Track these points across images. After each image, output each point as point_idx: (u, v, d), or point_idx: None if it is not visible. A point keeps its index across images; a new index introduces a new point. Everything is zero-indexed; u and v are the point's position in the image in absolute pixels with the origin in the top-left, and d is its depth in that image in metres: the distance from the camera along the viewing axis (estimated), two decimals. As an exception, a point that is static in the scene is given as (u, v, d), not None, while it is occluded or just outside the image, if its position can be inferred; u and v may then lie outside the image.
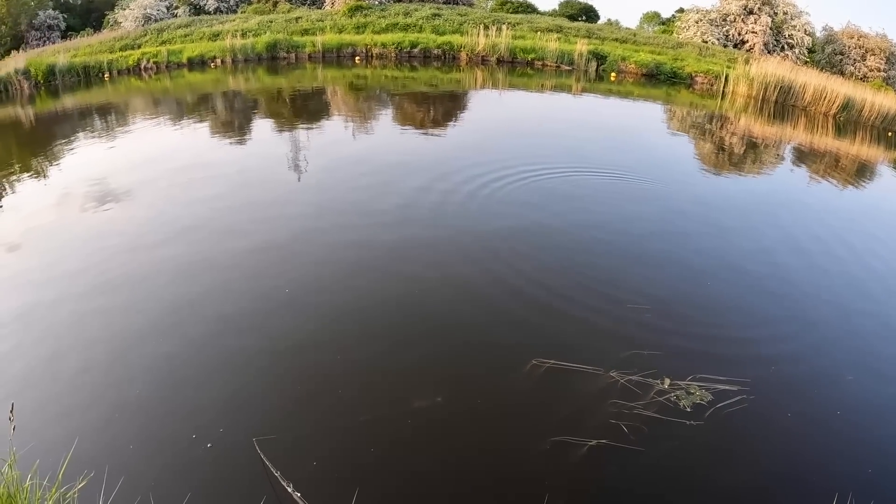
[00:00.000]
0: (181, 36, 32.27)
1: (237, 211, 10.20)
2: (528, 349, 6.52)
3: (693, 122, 22.76)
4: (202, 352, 6.39)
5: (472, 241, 9.28)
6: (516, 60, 31.68)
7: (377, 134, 16.53)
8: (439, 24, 34.20)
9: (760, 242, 10.39)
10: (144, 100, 23.45)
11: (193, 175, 12.10)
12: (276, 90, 24.11)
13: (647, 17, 59.53)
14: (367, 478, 4.75)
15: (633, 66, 31.50)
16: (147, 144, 15.06)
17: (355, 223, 9.72)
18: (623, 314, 7.46)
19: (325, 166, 12.81)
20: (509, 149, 14.89)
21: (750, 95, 28.77)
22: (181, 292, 7.58)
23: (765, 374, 6.53)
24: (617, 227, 10.49)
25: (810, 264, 9.73)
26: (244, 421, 5.25)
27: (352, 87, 24.54)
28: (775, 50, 38.58)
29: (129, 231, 9.46)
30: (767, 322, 7.78)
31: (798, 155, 19.65)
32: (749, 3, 38.91)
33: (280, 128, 16.85)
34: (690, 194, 12.90)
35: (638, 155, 15.56)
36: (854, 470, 5.31)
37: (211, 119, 18.34)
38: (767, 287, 8.75)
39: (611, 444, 5.23)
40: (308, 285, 7.75)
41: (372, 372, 6.14)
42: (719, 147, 18.68)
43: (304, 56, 30.40)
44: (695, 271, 9.05)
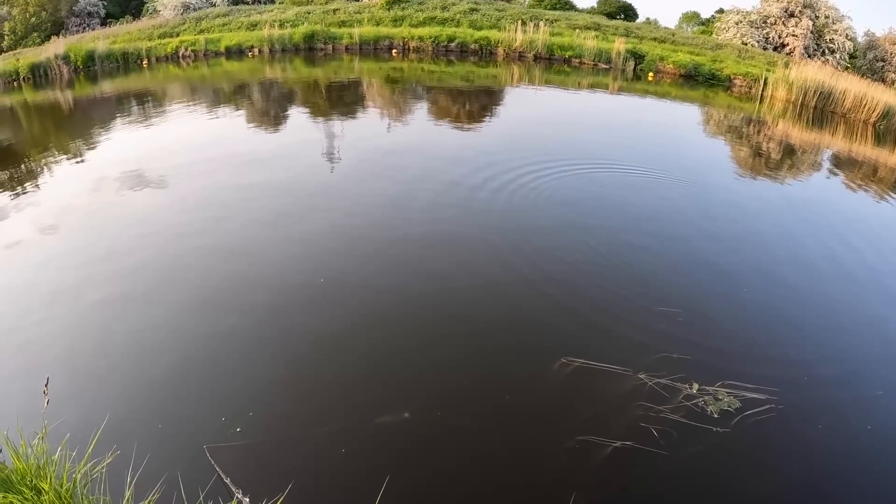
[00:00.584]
0: (219, 25, 32.50)
1: (269, 198, 10.28)
2: (558, 348, 6.51)
3: (730, 126, 22.50)
4: (236, 337, 6.43)
5: (501, 239, 9.25)
6: (553, 57, 31.56)
7: (411, 127, 16.55)
8: (477, 18, 34.17)
9: (795, 250, 10.29)
10: (182, 87, 23.63)
11: (228, 163, 12.22)
12: (312, 81, 24.21)
13: (686, 17, 59.07)
14: (399, 471, 4.74)
15: (671, 67, 31.22)
16: (183, 131, 15.19)
17: (385, 217, 9.76)
18: (654, 317, 7.40)
19: (358, 157, 12.85)
20: (542, 146, 14.82)
21: (789, 100, 28.38)
22: (214, 277, 7.68)
23: (794, 385, 6.44)
24: (650, 228, 10.40)
25: (845, 274, 9.56)
26: (276, 406, 5.29)
27: (388, 80, 24.56)
28: (815, 54, 38.16)
29: (164, 215, 9.63)
30: (799, 331, 7.71)
31: (836, 162, 19.36)
32: (790, 6, 38.48)
33: (315, 118, 16.91)
34: (726, 198, 12.77)
35: (672, 156, 15.47)
36: (881, 487, 5.22)
37: (247, 108, 18.46)
38: (801, 296, 8.66)
39: (636, 446, 5.21)
40: (337, 277, 7.75)
41: (401, 368, 6.15)
42: (756, 151, 18.44)
43: (341, 47, 30.51)
44: (728, 277, 8.95)
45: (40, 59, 26.12)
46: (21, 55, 28.54)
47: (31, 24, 37.07)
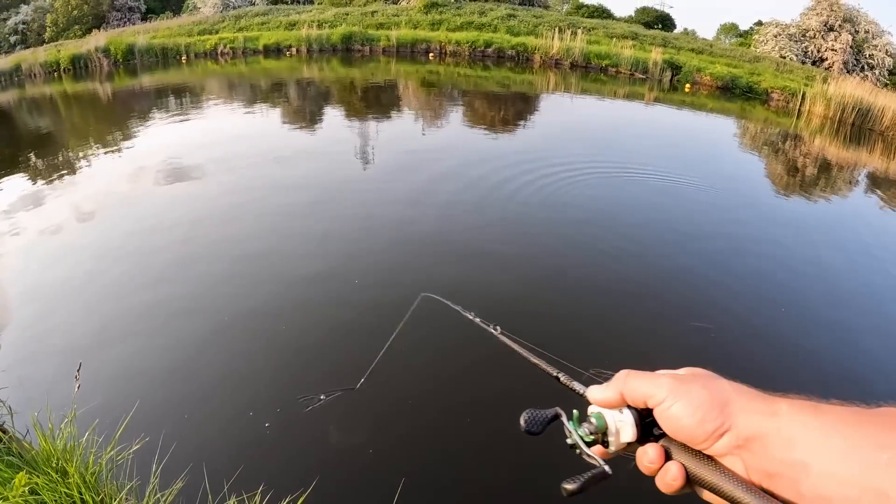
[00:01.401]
0: (258, 24, 32.78)
1: (302, 193, 10.31)
2: (588, 359, 6.33)
3: (766, 140, 22.34)
4: (268, 331, 6.44)
5: (525, 247, 9.23)
6: (590, 65, 31.51)
7: (446, 130, 16.51)
8: (514, 24, 34.19)
9: (824, 271, 10.11)
10: (219, 83, 23.86)
11: (262, 158, 12.30)
12: (349, 81, 24.32)
13: (724, 29, 58.83)
14: (413, 471, 4.74)
15: (708, 78, 31.05)
16: (219, 126, 15.37)
17: (413, 222, 9.67)
18: (686, 331, 7.36)
19: (391, 159, 12.82)
20: (573, 154, 14.72)
21: (826, 116, 28.12)
22: (251, 270, 7.71)
23: None
24: (681, 239, 10.36)
25: (873, 296, 9.41)
26: (298, 405, 5.26)
27: (424, 83, 24.61)
28: (855, 70, 37.80)
29: (197, 207, 9.75)
30: (830, 354, 7.56)
31: (873, 181, 19.11)
32: (830, 20, 38.19)
33: (350, 118, 16.97)
34: (758, 213, 12.65)
35: (711, 170, 15.39)
36: None
37: (283, 105, 18.60)
38: (833, 319, 8.47)
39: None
40: (355, 276, 7.67)
41: (419, 371, 6.06)
42: (791, 167, 18.30)
43: (379, 49, 30.64)
44: (761, 295, 8.80)
45: (81, 51, 26.51)
46: (62, 47, 28.99)
47: (72, 17, 37.62)
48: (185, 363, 5.82)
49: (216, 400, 5.35)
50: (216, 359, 5.93)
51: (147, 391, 5.31)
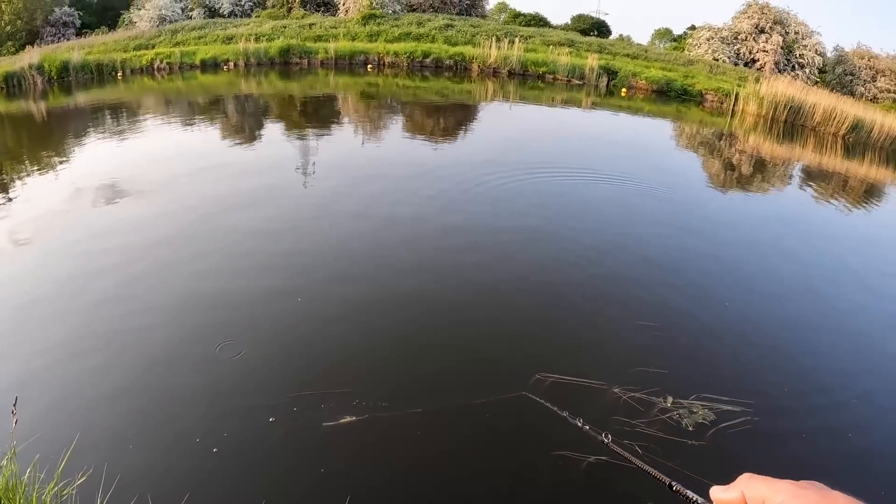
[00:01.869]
0: (195, 38, 32.50)
1: (242, 212, 10.17)
2: (533, 363, 6.47)
3: (702, 140, 22.83)
4: (213, 355, 6.29)
5: (473, 252, 9.26)
6: (527, 73, 31.87)
7: (387, 141, 16.56)
8: (452, 34, 34.38)
9: (769, 264, 10.45)
10: (156, 100, 23.59)
11: (202, 176, 12.14)
12: (287, 95, 24.23)
13: (658, 34, 59.67)
14: (371, 489, 4.78)
15: (644, 82, 31.65)
16: (157, 144, 15.13)
17: (358, 233, 9.64)
18: (631, 331, 7.45)
19: (332, 173, 12.76)
20: (515, 159, 14.86)
21: (760, 114, 28.87)
22: (187, 294, 7.56)
23: (770, 397, 6.54)
24: (627, 240, 10.53)
25: (818, 288, 9.79)
26: (244, 429, 5.24)
27: (363, 95, 24.62)
28: (786, 69, 38.76)
29: (134, 228, 9.50)
30: (774, 344, 7.81)
31: (808, 175, 19.72)
32: (761, 23, 39.13)
33: (290, 132, 16.90)
34: (701, 211, 13.00)
35: (647, 170, 15.63)
36: (860, 495, 5.28)
37: (222, 121, 18.44)
38: (775, 309, 8.79)
39: (611, 461, 5.16)
40: (308, 293, 7.63)
41: (374, 385, 6.02)
42: (729, 166, 18.75)
43: (317, 62, 30.55)
44: (705, 290, 9.07)
45: (14, 68, 25.97)
46: (-6, 64, 28.48)
47: (5, 33, 36.95)
48: (126, 390, 5.70)
49: (161, 426, 5.24)
50: (159, 384, 5.81)
51: (88, 421, 5.22)
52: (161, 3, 38.04)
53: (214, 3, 40.34)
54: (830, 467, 5.67)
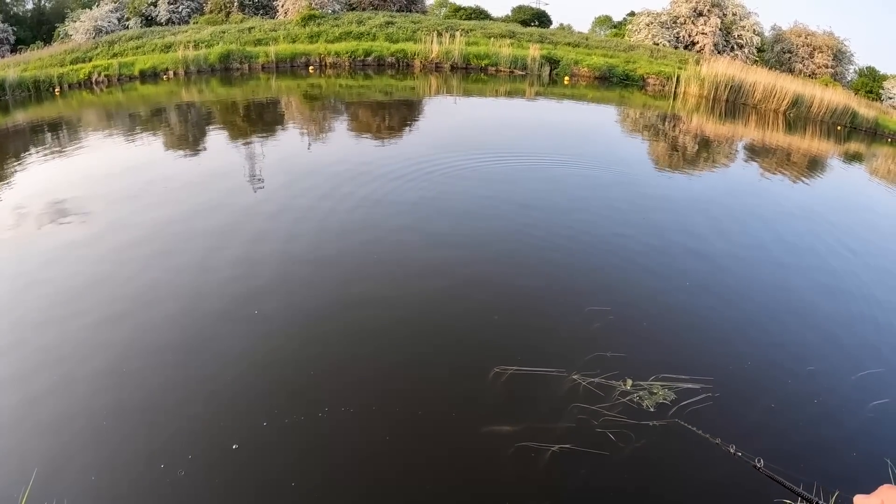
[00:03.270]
0: (133, 48, 31.98)
1: (190, 223, 9.98)
2: (490, 357, 6.47)
3: (647, 123, 23.06)
4: (166, 382, 6.10)
5: (421, 248, 9.23)
6: (470, 66, 31.96)
7: (333, 143, 16.43)
8: (393, 31, 34.28)
9: (721, 241, 10.61)
10: (97, 114, 23.15)
11: (147, 189, 11.79)
12: (230, 101, 23.92)
13: (599, 21, 60.24)
14: (330, 485, 4.76)
15: (586, 70, 31.95)
16: (100, 160, 14.81)
17: (312, 234, 9.55)
18: (585, 316, 7.46)
19: (279, 178, 12.54)
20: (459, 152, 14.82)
21: (701, 95, 29.40)
22: (142, 314, 7.30)
23: (729, 372, 6.64)
24: (574, 224, 10.59)
25: (772, 261, 9.99)
26: (206, 457, 5.11)
27: (306, 97, 24.41)
28: (725, 50, 39.32)
29: (83, 250, 9.14)
30: (729, 320, 7.94)
31: (749, 152, 20.07)
32: (698, 6, 39.62)
33: (234, 140, 16.68)
34: (649, 192, 13.10)
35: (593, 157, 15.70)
36: (823, 463, 5.46)
37: (165, 133, 18.13)
38: (725, 285, 8.93)
39: (575, 448, 5.25)
40: (269, 303, 7.47)
41: (325, 386, 6.00)
42: (675, 146, 18.98)
43: (258, 66, 30.23)
44: (656, 271, 9.14)
45: (-54, 88, 25.46)
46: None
47: (-64, 54, 36.13)
48: (83, 421, 5.45)
49: (123, 455, 5.06)
50: (118, 412, 5.58)
51: (45, 457, 5.01)
52: (97, 13, 37.38)
53: (151, 11, 39.81)
54: (792, 438, 5.77)
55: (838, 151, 23.46)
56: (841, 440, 5.78)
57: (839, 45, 41.32)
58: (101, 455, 5.08)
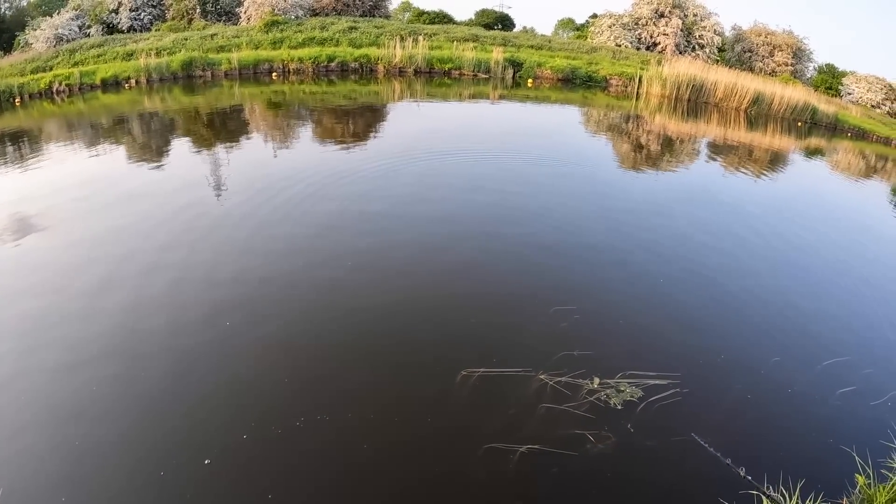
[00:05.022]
0: (94, 56, 31.60)
1: (153, 233, 9.90)
2: (457, 361, 6.50)
3: (610, 124, 23.27)
4: (137, 397, 6.00)
5: (384, 255, 9.20)
6: (433, 70, 31.99)
7: (297, 150, 16.33)
8: (356, 37, 34.18)
9: (679, 237, 10.77)
10: (58, 124, 22.85)
11: (109, 199, 11.65)
12: (193, 109, 23.72)
13: (561, 24, 60.55)
14: (299, 492, 4.80)
15: (549, 72, 32.14)
16: (63, 171, 14.63)
17: (279, 244, 9.49)
18: (550, 317, 7.53)
19: (243, 187, 12.45)
20: (422, 154, 15.01)
21: (664, 95, 29.72)
22: (103, 332, 7.16)
23: (695, 367, 6.75)
24: (537, 224, 10.69)
25: (736, 257, 10.18)
26: (181, 468, 5.13)
27: (270, 104, 24.28)
28: (687, 50, 39.75)
29: (47, 260, 9.05)
30: (694, 316, 8.06)
31: (712, 149, 20.35)
32: (660, 7, 40.04)
33: (197, 149, 16.54)
34: (609, 193, 13.21)
35: (554, 159, 15.79)
36: (788, 455, 5.53)
37: (127, 143, 17.94)
38: (690, 281, 9.06)
39: (544, 448, 5.31)
40: (238, 315, 7.42)
41: (298, 394, 6.02)
42: (636, 146, 19.17)
43: (221, 73, 29.96)
44: (621, 269, 9.24)
45: None
46: None
47: None
48: (51, 440, 5.35)
49: (96, 473, 5.00)
50: (91, 429, 5.50)
51: (12, 478, 4.92)
52: (57, 21, 36.96)
53: (112, 18, 39.41)
54: (760, 429, 5.89)
55: (800, 147, 23.92)
56: (809, 429, 5.91)
57: (799, 43, 41.96)
58: (73, 474, 5.02)
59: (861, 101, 39.16)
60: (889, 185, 19.72)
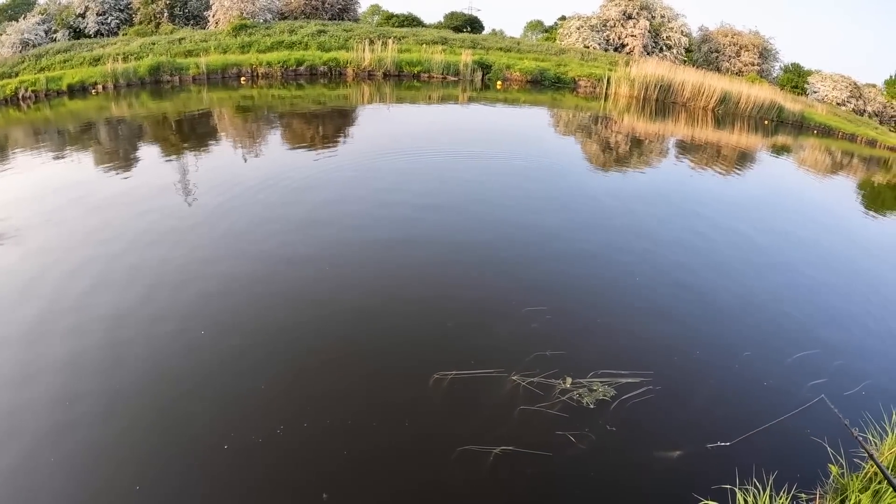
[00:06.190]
0: (60, 61, 31.27)
1: (122, 241, 9.69)
2: (429, 364, 6.50)
3: (579, 125, 23.42)
4: (112, 408, 5.89)
5: (353, 259, 9.17)
6: (403, 74, 31.98)
7: (266, 155, 16.23)
8: (325, 40, 34.10)
9: (647, 236, 10.84)
10: (25, 132, 22.58)
11: (78, 208, 11.48)
12: (161, 115, 23.53)
13: (530, 26, 60.74)
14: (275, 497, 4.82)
15: (518, 74, 32.32)
16: (31, 180, 14.49)
17: (250, 249, 9.43)
18: (522, 318, 7.56)
19: (212, 193, 12.30)
20: (394, 159, 15.02)
21: (632, 95, 30.03)
22: (75, 342, 6.99)
23: (667, 364, 6.82)
24: (506, 225, 10.76)
25: (702, 254, 10.34)
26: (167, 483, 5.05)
27: (239, 109, 24.15)
28: (654, 51, 40.15)
29: (14, 269, 8.84)
30: (665, 314, 8.12)
31: (680, 149, 20.57)
32: (628, 9, 40.43)
33: (166, 155, 16.39)
34: (576, 193, 13.29)
35: (524, 160, 15.88)
36: (760, 447, 5.59)
37: (94, 150, 17.76)
38: (660, 280, 9.13)
39: (517, 449, 5.32)
40: (206, 323, 7.35)
41: (276, 402, 5.98)
42: (605, 146, 19.33)
43: (189, 78, 29.68)
44: (589, 270, 9.29)
45: None
46: None
47: None
48: (15, 456, 5.22)
49: (71, 484, 4.92)
50: (64, 437, 5.41)
51: None
52: (23, 26, 36.57)
53: (79, 23, 39.06)
54: (733, 423, 5.92)
55: (767, 145, 24.29)
56: (782, 422, 5.95)
57: (765, 43, 42.60)
58: (49, 488, 4.94)
59: (827, 99, 39.78)
60: (854, 181, 20.14)
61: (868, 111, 40.69)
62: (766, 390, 6.56)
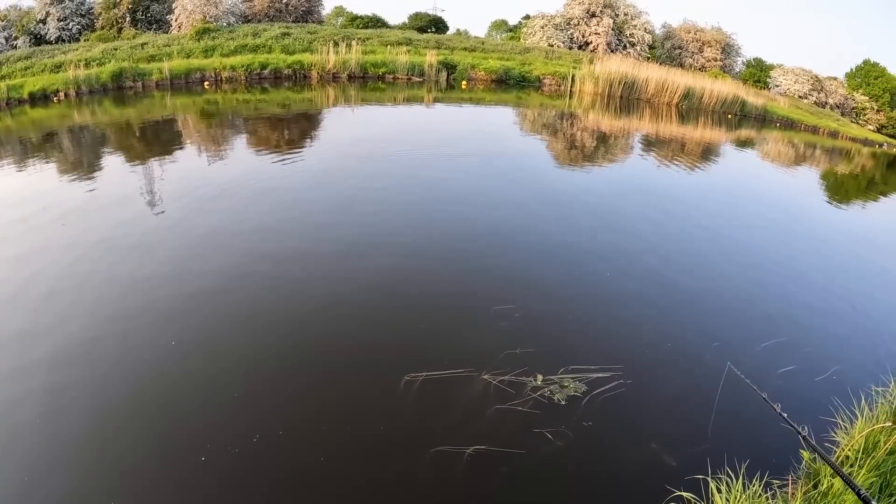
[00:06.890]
0: (21, 69, 30.80)
1: (91, 256, 9.46)
2: (399, 366, 6.47)
3: (544, 122, 23.54)
4: (87, 422, 5.77)
5: (321, 262, 9.18)
6: (367, 75, 32.01)
7: (231, 160, 16.09)
8: (289, 43, 33.97)
9: (614, 231, 10.95)
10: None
11: (41, 219, 11.35)
12: (124, 122, 23.29)
13: (495, 25, 61.06)
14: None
15: (483, 73, 32.46)
16: None
17: (219, 256, 9.36)
18: (491, 317, 7.56)
19: (177, 200, 12.11)
20: (360, 162, 15.06)
21: (596, 92, 30.29)
22: (46, 354, 6.86)
23: (637, 358, 6.87)
24: (472, 225, 10.79)
25: (672, 250, 10.41)
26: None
27: (203, 114, 23.93)
28: (618, 49, 40.48)
29: None
30: (633, 308, 8.18)
31: (645, 144, 20.77)
32: (591, 7, 40.70)
33: (130, 163, 16.23)
34: (542, 189, 13.35)
35: (488, 158, 15.99)
36: (731, 440, 5.65)
37: (57, 159, 17.54)
38: (627, 275, 9.19)
39: (490, 448, 5.32)
40: (171, 336, 7.21)
41: (249, 409, 5.93)
42: (570, 143, 19.46)
43: (152, 84, 29.34)
44: (556, 266, 9.32)
45: None
46: None
47: None
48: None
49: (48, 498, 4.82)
50: (40, 452, 5.30)
51: None
52: (-19, 35, 36.20)
53: (40, 29, 38.62)
54: (705, 413, 5.98)
55: (731, 138, 24.62)
56: (752, 410, 5.95)
57: (727, 38, 43.16)
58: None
59: (789, 92, 40.37)
60: (818, 171, 20.48)
61: (830, 103, 41.32)
62: (735, 379, 6.66)
